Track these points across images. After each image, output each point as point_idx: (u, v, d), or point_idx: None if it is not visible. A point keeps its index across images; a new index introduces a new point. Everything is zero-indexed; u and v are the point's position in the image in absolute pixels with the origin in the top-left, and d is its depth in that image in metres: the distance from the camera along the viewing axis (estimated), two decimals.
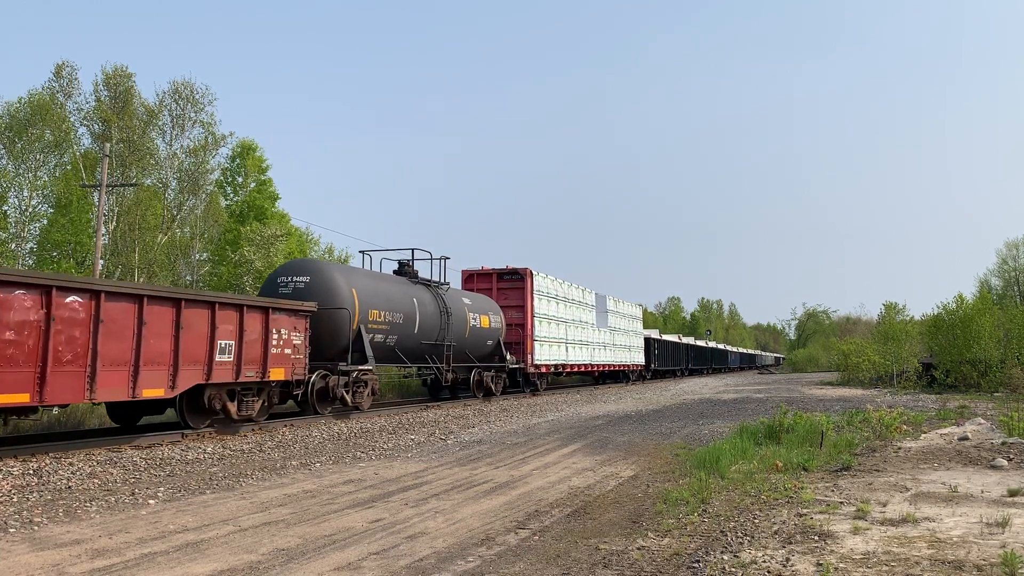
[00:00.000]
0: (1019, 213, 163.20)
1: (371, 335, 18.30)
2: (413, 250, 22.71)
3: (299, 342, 15.39)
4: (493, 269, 29.07)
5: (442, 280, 23.39)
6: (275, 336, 14.66)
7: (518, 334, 27.89)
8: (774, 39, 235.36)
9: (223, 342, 13.36)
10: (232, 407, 13.84)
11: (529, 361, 27.95)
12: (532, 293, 28.50)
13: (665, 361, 53.39)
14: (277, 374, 14.79)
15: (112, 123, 34.31)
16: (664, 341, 54.85)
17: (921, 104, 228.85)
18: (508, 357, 26.50)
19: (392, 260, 24.64)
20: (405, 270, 22.20)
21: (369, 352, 17.80)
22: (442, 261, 23.39)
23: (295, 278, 17.31)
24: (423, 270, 27.89)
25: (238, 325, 13.70)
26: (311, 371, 16.08)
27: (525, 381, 28.59)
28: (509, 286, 28.69)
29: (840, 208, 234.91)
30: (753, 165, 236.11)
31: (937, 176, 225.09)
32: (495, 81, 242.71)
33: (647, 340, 47.83)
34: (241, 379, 13.76)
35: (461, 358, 23.62)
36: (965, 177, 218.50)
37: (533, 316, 28.44)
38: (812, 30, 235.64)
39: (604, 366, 37.68)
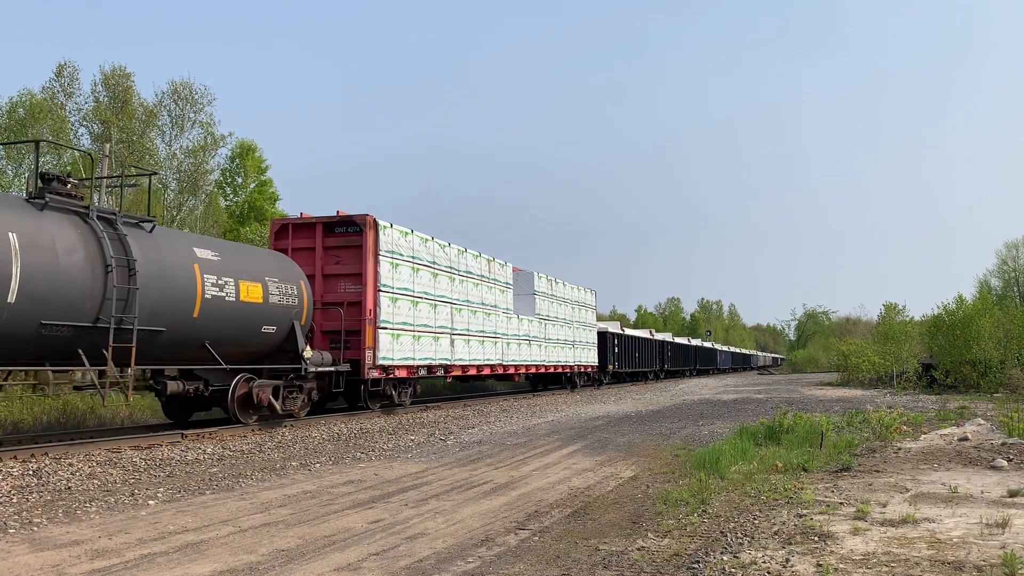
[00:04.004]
0: (1019, 213, 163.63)
1: None
2: (37, 142, 14.39)
3: None
4: (317, 218, 18.98)
5: (133, 215, 13.07)
6: None
7: (354, 318, 18.03)
8: (773, 39, 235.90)
9: None
10: None
11: (369, 360, 17.93)
12: (376, 254, 18.49)
13: (629, 362, 44.35)
14: None
15: (111, 123, 34.33)
16: (627, 336, 45.67)
17: (920, 105, 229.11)
18: (311, 354, 16.02)
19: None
20: (54, 188, 11.74)
21: None
22: (138, 180, 11.76)
23: None
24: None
25: None
26: None
27: (368, 393, 18.65)
28: (341, 244, 18.65)
29: (840, 208, 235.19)
30: (753, 165, 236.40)
31: (937, 177, 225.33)
32: (496, 80, 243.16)
33: (602, 335, 38.66)
34: None
35: (194, 355, 13.68)
36: (965, 177, 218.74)
37: (378, 290, 18.37)
38: (813, 31, 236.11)
39: (528, 367, 28.57)
